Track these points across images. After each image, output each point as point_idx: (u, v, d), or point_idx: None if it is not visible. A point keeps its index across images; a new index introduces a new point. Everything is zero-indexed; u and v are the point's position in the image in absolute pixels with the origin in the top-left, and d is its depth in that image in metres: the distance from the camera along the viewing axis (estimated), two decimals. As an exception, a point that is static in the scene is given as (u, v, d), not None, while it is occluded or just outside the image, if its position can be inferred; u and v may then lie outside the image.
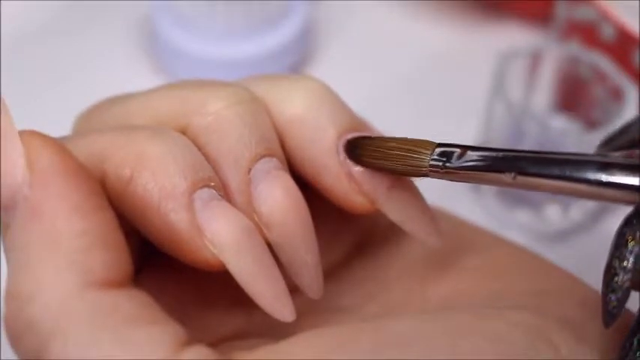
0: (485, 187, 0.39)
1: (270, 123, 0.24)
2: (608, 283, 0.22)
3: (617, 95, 0.37)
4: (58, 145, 0.21)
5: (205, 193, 0.22)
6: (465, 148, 0.23)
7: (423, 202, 0.25)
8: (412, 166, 0.23)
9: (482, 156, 0.22)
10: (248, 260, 0.22)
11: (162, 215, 0.22)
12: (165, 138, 0.23)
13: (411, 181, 0.25)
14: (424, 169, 0.23)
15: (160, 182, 0.22)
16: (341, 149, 0.24)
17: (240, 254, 0.22)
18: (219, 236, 0.22)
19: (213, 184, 0.23)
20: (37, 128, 0.21)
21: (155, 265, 0.25)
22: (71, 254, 0.20)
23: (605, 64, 0.38)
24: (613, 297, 0.22)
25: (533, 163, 0.21)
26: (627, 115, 0.36)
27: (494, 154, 0.22)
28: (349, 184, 0.24)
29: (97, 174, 0.22)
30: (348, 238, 0.27)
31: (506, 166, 0.22)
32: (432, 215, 0.25)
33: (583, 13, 0.40)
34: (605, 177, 0.20)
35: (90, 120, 0.26)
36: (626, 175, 0.20)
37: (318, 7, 0.46)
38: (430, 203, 0.26)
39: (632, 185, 0.20)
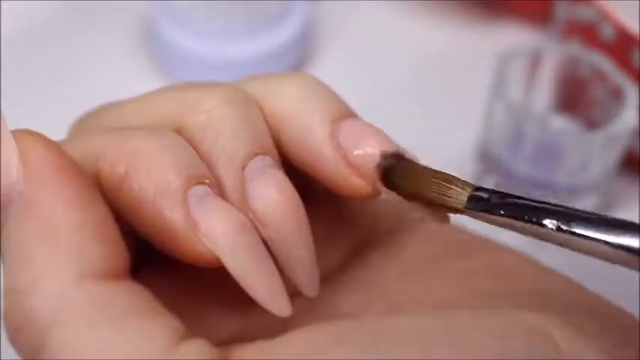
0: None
1: (264, 122, 0.24)
2: None
3: (617, 95, 0.37)
4: (51, 142, 0.21)
5: (200, 189, 0.22)
6: (506, 195, 0.22)
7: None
8: (449, 197, 0.23)
9: (524, 203, 0.22)
10: (243, 254, 0.22)
11: (157, 212, 0.22)
12: (160, 136, 0.23)
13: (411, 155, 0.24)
14: (461, 203, 0.22)
15: (155, 179, 0.22)
16: (337, 135, 0.24)
17: (236, 248, 0.22)
18: (214, 231, 0.22)
19: (207, 181, 0.23)
20: (37, 128, 0.21)
21: (149, 270, 0.25)
22: (68, 247, 0.20)
23: (605, 64, 0.38)
24: None
25: (580, 220, 0.21)
26: (627, 115, 0.36)
27: (536, 204, 0.22)
28: (347, 168, 0.24)
29: (92, 172, 0.23)
30: (344, 242, 0.27)
31: (543, 216, 0.21)
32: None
33: (583, 13, 0.40)
34: None
35: (85, 124, 0.26)
36: None
37: (318, 7, 0.46)
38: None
39: None
